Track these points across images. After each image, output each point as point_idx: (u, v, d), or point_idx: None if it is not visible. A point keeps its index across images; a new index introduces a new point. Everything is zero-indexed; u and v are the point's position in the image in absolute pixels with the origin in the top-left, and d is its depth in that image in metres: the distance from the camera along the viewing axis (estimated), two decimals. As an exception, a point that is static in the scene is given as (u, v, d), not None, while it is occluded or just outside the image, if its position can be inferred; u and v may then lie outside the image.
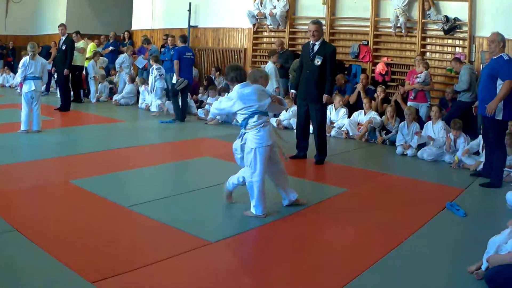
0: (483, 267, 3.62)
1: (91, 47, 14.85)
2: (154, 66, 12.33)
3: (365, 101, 10.06)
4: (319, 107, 7.61)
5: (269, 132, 4.95)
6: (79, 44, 13.82)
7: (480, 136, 7.67)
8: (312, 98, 7.59)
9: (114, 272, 3.63)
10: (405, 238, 4.54)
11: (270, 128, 4.98)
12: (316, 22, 7.50)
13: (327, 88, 7.52)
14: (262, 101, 4.92)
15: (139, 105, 13.59)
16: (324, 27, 11.71)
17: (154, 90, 12.37)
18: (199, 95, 13.33)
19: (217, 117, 11.09)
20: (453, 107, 9.46)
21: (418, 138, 8.40)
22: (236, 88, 4.97)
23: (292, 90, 8.20)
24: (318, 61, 7.43)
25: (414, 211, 5.47)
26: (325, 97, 7.51)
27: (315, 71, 7.48)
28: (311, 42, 7.58)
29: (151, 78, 12.43)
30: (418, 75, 9.54)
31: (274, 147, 5.08)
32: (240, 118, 4.99)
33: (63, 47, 12.28)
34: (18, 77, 9.46)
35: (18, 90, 8.68)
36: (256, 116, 4.90)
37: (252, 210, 4.99)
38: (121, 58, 14.97)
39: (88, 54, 14.33)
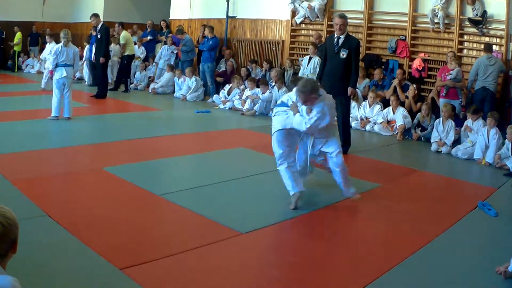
0: (510, 268, 3.66)
1: None
2: None
3: (392, 98, 10.04)
4: (343, 99, 7.72)
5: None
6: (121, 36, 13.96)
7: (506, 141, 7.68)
8: (337, 91, 7.55)
9: (143, 259, 3.67)
10: (435, 236, 4.54)
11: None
12: (343, 16, 7.69)
13: (352, 80, 7.70)
14: None
15: (175, 94, 13.76)
16: (362, 21, 11.83)
17: None
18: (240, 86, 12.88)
19: (254, 108, 11.25)
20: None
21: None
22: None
23: None
24: (343, 54, 7.59)
25: (445, 209, 5.50)
26: (350, 89, 7.69)
27: (340, 64, 7.63)
28: (336, 35, 7.73)
29: None
30: (450, 71, 9.48)
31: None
32: None
33: (99, 36, 12.48)
34: (49, 65, 9.55)
35: (48, 77, 8.66)
36: None
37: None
38: (162, 49, 15.01)
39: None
